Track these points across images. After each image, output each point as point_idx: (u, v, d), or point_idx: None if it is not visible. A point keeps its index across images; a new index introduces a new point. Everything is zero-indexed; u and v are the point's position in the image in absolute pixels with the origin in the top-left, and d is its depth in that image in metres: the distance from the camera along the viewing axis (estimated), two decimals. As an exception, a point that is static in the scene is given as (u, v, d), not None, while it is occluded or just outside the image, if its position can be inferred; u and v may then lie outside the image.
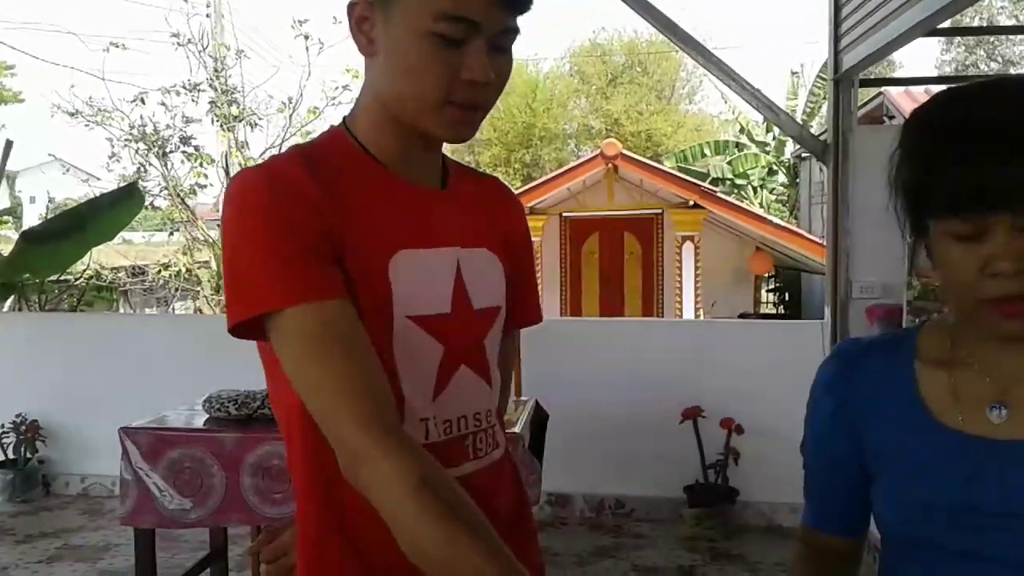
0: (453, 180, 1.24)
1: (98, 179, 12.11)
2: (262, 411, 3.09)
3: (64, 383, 5.06)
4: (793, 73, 16.90)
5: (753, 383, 4.47)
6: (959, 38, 21.84)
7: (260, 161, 9.23)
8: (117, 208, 5.76)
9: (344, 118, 1.19)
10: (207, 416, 3.19)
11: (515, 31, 1.10)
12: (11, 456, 4.90)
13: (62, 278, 7.32)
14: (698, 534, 4.34)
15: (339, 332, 1.00)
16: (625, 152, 11.14)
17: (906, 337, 1.10)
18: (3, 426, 4.87)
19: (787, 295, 14.45)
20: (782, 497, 4.39)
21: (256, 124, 11.04)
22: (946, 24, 4.45)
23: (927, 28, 3.43)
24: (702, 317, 10.89)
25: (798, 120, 13.31)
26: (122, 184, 10.70)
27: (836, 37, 4.18)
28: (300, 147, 1.15)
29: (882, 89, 10.01)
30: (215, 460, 2.99)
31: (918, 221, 0.98)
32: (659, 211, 11.56)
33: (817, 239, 11.04)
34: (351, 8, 1.10)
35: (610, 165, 10.82)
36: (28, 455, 4.91)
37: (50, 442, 4.98)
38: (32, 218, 11.02)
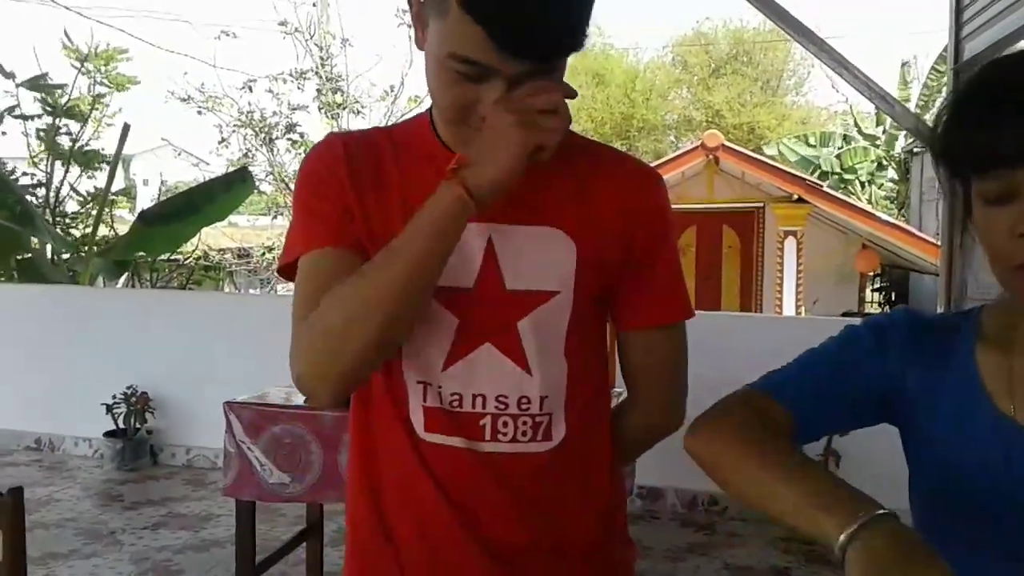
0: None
1: (207, 164, 12.52)
2: (360, 391, 3.14)
3: (173, 358, 5.26)
4: (904, 64, 16.29)
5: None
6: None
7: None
8: (229, 191, 5.95)
9: None
10: (307, 394, 3.26)
11: (551, 69, 1.04)
12: (121, 426, 5.12)
13: (172, 257, 7.61)
14: (794, 536, 4.23)
15: (326, 271, 1.10)
16: (727, 143, 10.92)
17: (968, 316, 1.05)
18: (115, 397, 5.08)
19: (893, 295, 13.99)
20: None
21: (359, 112, 11.27)
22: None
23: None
24: (803, 315, 10.60)
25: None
26: (230, 168, 11.09)
27: (958, 25, 4.00)
28: (377, 128, 1.26)
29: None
30: (314, 437, 3.05)
31: (959, 188, 0.95)
32: (760, 205, 11.31)
33: (929, 237, 10.64)
34: (410, 1, 1.11)
35: (711, 156, 10.63)
36: (137, 425, 5.12)
37: (158, 414, 5.19)
38: (145, 200, 11.48)
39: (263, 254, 11.71)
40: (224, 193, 6.08)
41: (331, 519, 3.98)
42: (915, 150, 14.61)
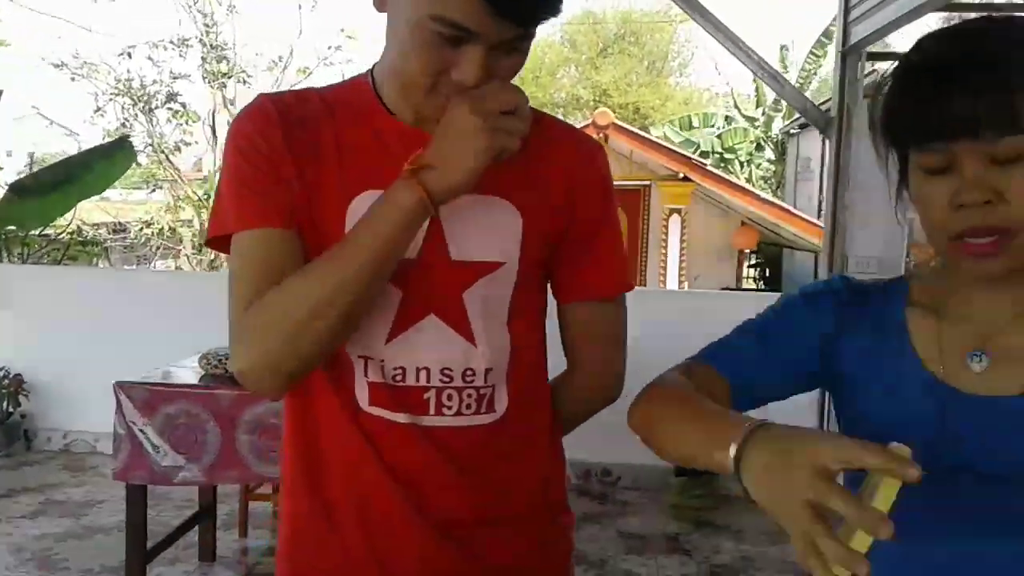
0: None
1: (78, 135, 11.86)
2: (258, 369, 3.05)
3: (48, 337, 4.98)
4: (783, 47, 16.87)
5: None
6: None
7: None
8: (109, 161, 5.66)
9: (374, 64, 1.18)
10: (203, 373, 3.14)
11: (527, 36, 1.03)
12: (-7, 409, 4.84)
13: (44, 232, 7.21)
14: (684, 503, 4.35)
15: (274, 265, 1.07)
16: (617, 122, 11.08)
17: (899, 282, 1.08)
18: (-15, 379, 4.80)
19: (767, 271, 14.52)
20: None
21: (245, 81, 10.90)
22: None
23: (942, 2, 3.40)
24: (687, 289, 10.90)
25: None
26: (107, 139, 10.57)
27: (846, 9, 4.15)
28: (311, 89, 1.20)
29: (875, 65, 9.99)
30: (211, 416, 2.95)
31: (899, 161, 0.97)
32: (647, 183, 11.53)
33: (804, 215, 11.08)
34: None
35: (601, 134, 10.76)
36: (10, 409, 4.84)
37: (32, 396, 4.91)
38: (10, 173, 10.83)
39: (140, 229, 11.23)
40: (103, 163, 5.78)
41: (223, 501, 3.87)
42: (791, 131, 15.17)
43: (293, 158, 1.10)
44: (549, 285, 1.24)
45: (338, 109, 1.15)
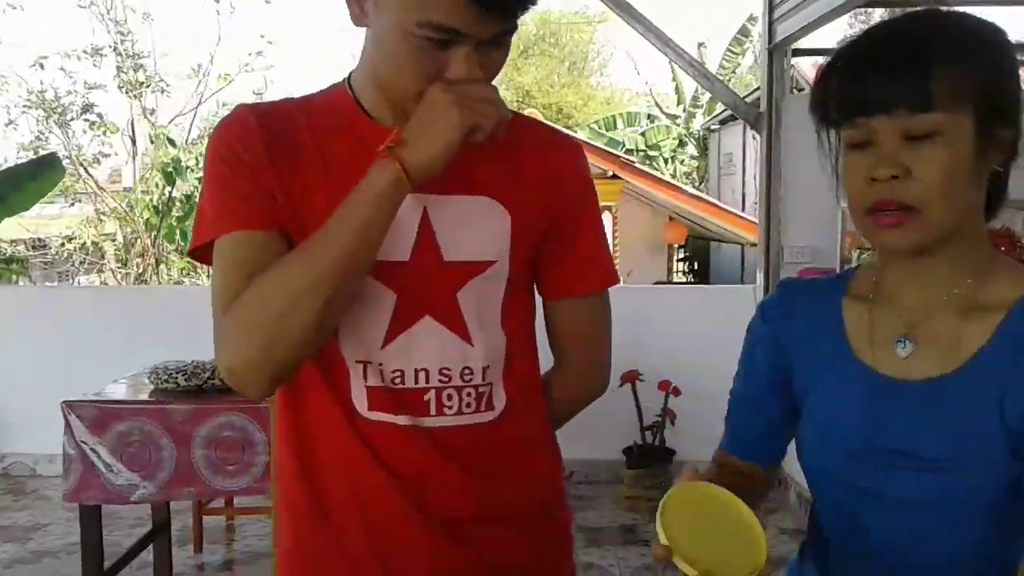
0: None
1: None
2: (212, 381, 3.02)
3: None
4: (700, 45, 17.20)
5: (688, 347, 4.56)
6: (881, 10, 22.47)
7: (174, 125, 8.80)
8: (36, 178, 5.49)
9: (350, 73, 1.20)
10: (152, 388, 3.09)
11: (511, 30, 1.06)
12: (-77, 437, 4.66)
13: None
14: (638, 494, 4.43)
15: (253, 254, 1.08)
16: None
17: (843, 276, 1.13)
18: (-88, 406, 4.62)
19: (696, 264, 14.81)
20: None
21: (164, 91, 10.66)
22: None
23: (863, 1, 3.54)
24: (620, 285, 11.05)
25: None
26: (21, 153, 10.24)
27: (771, 7, 4.28)
28: (288, 100, 1.21)
29: (794, 61, 10.27)
30: (165, 432, 2.90)
31: (837, 142, 1.02)
32: (577, 182, 11.64)
33: (730, 208, 11.34)
34: None
35: (529, 135, 10.84)
36: (-57, 435, 4.68)
37: (-36, 421, 4.76)
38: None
39: (62, 244, 10.89)
40: (31, 180, 5.60)
41: (174, 517, 3.80)
42: (712, 127, 15.50)
43: (274, 168, 1.11)
44: (535, 283, 1.26)
45: (318, 118, 1.16)
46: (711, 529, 0.91)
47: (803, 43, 4.44)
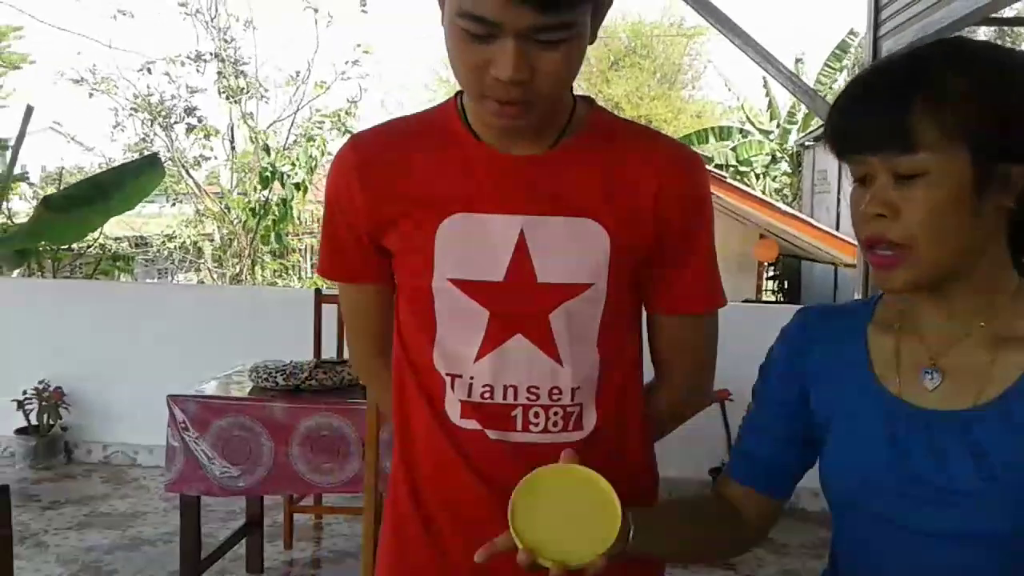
0: (576, 142, 1.16)
1: (90, 149, 11.93)
2: (309, 382, 3.10)
3: (86, 350, 5.04)
4: (797, 60, 16.91)
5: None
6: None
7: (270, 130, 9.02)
8: (139, 178, 5.72)
9: None
10: (252, 386, 3.19)
11: (561, 26, 1.00)
12: (33, 423, 4.88)
13: (69, 247, 7.28)
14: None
15: (358, 308, 1.31)
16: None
17: (867, 303, 1.10)
18: (26, 393, 4.84)
19: (786, 283, 14.52)
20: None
21: (263, 96, 10.97)
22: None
23: (977, 18, 3.44)
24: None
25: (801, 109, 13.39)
26: (127, 154, 10.66)
27: (876, 24, 4.19)
28: (400, 119, 1.26)
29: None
30: (264, 429, 2.99)
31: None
32: (665, 196, 11.54)
33: (824, 226, 11.09)
34: None
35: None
36: (51, 422, 4.90)
37: (73, 409, 4.97)
38: (27, 187, 10.92)
39: (163, 243, 11.31)
40: (133, 180, 5.83)
41: (267, 514, 3.90)
42: (806, 144, 15.20)
43: (372, 205, 1.18)
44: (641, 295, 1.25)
45: (426, 136, 1.19)
46: (568, 512, 0.96)
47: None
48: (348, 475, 2.98)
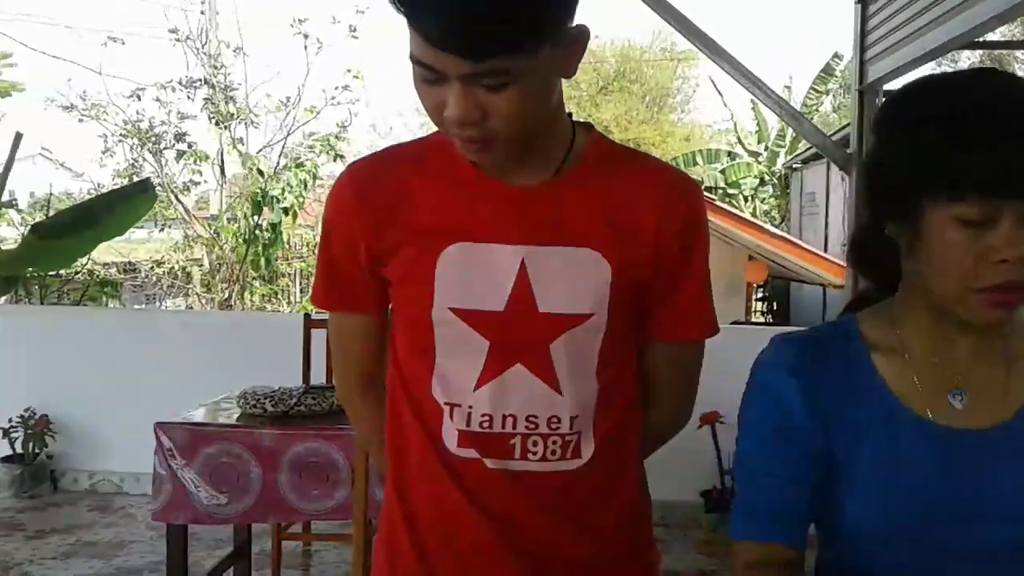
0: (577, 171, 1.16)
1: (79, 175, 11.91)
2: (299, 408, 3.07)
3: (73, 377, 4.99)
4: (785, 87, 17.06)
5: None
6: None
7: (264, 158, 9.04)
8: (128, 204, 5.72)
9: None
10: (240, 412, 3.16)
11: (496, 72, 0.99)
12: (19, 451, 4.83)
13: (58, 273, 7.26)
14: (716, 539, 4.35)
15: (350, 341, 1.30)
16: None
17: (845, 326, 1.07)
18: (11, 420, 4.80)
19: (775, 304, 14.56)
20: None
21: (253, 122, 10.98)
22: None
23: (963, 42, 3.48)
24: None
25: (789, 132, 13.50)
26: (116, 179, 10.64)
27: (862, 48, 4.23)
28: (390, 148, 1.27)
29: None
30: (253, 456, 2.96)
31: (910, 206, 0.95)
32: (655, 218, 11.57)
33: (813, 248, 11.13)
34: None
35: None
36: (37, 450, 4.84)
37: (59, 437, 4.92)
38: (12, 213, 10.89)
39: (151, 268, 11.27)
40: (123, 206, 5.85)
41: (254, 541, 3.86)
42: (794, 166, 15.30)
43: (371, 233, 1.17)
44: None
45: (424, 164, 1.19)
46: None
47: (894, 84, 4.36)
48: (338, 502, 2.95)
